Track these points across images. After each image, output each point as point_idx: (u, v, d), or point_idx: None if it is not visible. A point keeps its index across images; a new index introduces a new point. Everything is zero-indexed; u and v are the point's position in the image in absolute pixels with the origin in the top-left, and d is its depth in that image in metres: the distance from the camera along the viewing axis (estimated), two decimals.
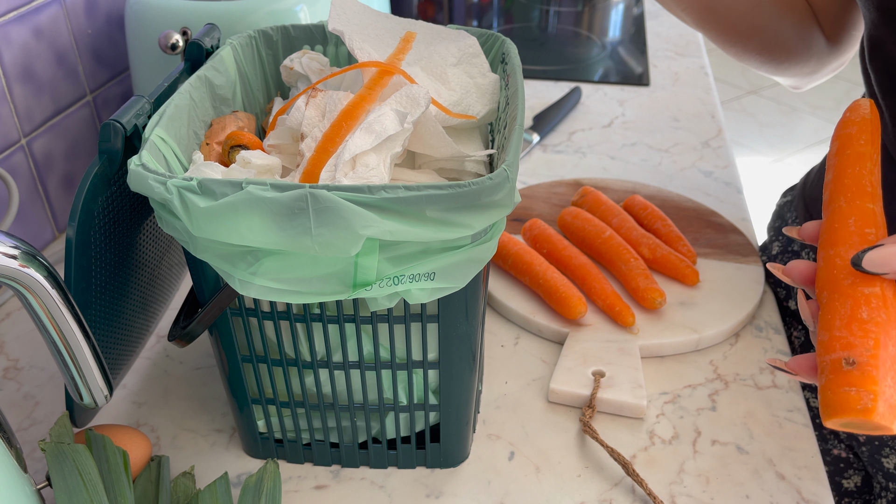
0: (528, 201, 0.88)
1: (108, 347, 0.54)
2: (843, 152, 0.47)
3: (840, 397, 0.39)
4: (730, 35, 0.73)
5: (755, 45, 0.73)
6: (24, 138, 0.79)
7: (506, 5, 1.54)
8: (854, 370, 0.39)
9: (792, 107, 3.35)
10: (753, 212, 2.42)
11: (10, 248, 0.39)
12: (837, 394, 0.39)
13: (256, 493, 0.55)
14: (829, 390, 0.40)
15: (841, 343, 0.40)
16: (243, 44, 0.62)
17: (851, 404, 0.39)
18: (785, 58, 0.74)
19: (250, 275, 0.45)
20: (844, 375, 0.40)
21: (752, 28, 0.71)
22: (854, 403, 0.39)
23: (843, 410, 0.39)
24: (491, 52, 0.63)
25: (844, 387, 0.39)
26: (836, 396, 0.39)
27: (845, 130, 0.48)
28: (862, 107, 0.49)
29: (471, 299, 0.51)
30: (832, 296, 0.42)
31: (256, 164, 0.52)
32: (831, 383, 0.40)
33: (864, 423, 0.39)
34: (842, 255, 0.43)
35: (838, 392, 0.39)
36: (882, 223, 0.44)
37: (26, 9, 0.77)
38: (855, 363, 0.39)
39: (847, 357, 0.40)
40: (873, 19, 0.63)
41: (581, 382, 0.66)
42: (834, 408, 0.39)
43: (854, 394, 0.39)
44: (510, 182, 0.44)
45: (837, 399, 0.39)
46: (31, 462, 0.61)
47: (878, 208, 0.45)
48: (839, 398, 0.39)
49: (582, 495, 0.58)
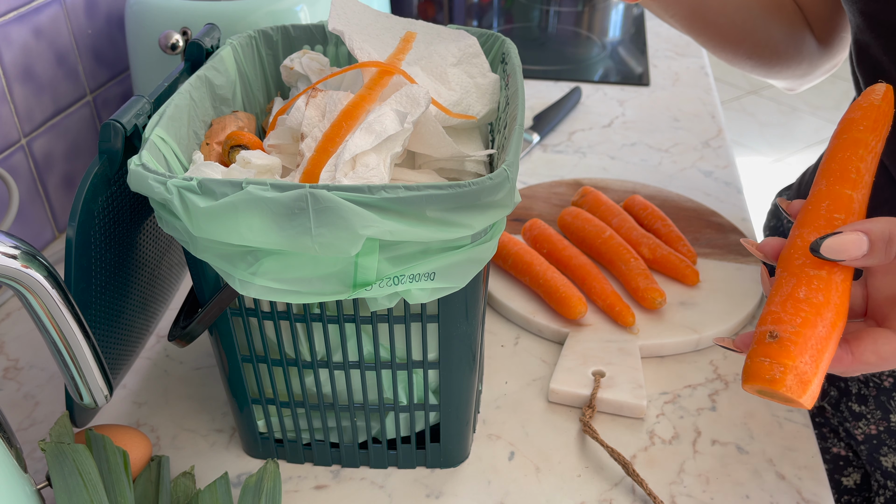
0: (528, 201, 0.88)
1: (108, 347, 0.54)
2: (841, 136, 0.48)
3: (755, 365, 0.42)
4: (719, 40, 0.73)
5: (745, 49, 0.73)
6: (24, 138, 0.79)
7: (506, 5, 1.54)
8: (774, 343, 0.42)
9: (792, 107, 3.36)
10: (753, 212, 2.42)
11: (10, 248, 0.39)
12: (754, 362, 0.42)
13: (256, 493, 0.55)
14: (750, 358, 0.43)
15: (772, 317, 0.43)
16: (243, 44, 0.62)
17: (762, 373, 0.42)
18: (776, 61, 0.74)
19: (250, 275, 0.45)
20: (765, 346, 0.42)
21: (742, 32, 0.72)
22: (764, 373, 0.42)
23: (753, 378, 0.42)
24: (491, 52, 0.63)
25: (762, 357, 0.42)
26: (753, 364, 0.42)
27: (851, 115, 0.49)
28: (874, 92, 0.49)
29: (471, 299, 0.51)
30: (782, 273, 0.45)
31: (256, 164, 0.52)
32: (753, 352, 0.43)
33: (774, 393, 0.42)
34: (804, 237, 0.45)
35: (755, 360, 0.42)
36: (858, 210, 0.45)
37: (26, 9, 0.77)
38: (777, 336, 0.42)
39: (772, 331, 0.42)
40: (858, 24, 0.63)
41: (581, 382, 0.66)
42: (748, 374, 0.43)
43: (767, 364, 0.42)
44: (510, 182, 0.44)
45: (753, 367, 0.42)
46: (31, 462, 0.61)
47: (857, 195, 0.46)
48: (754, 366, 0.42)
49: (582, 495, 0.58)
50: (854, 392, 0.72)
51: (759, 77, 0.78)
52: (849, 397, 0.73)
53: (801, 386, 0.41)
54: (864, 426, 0.73)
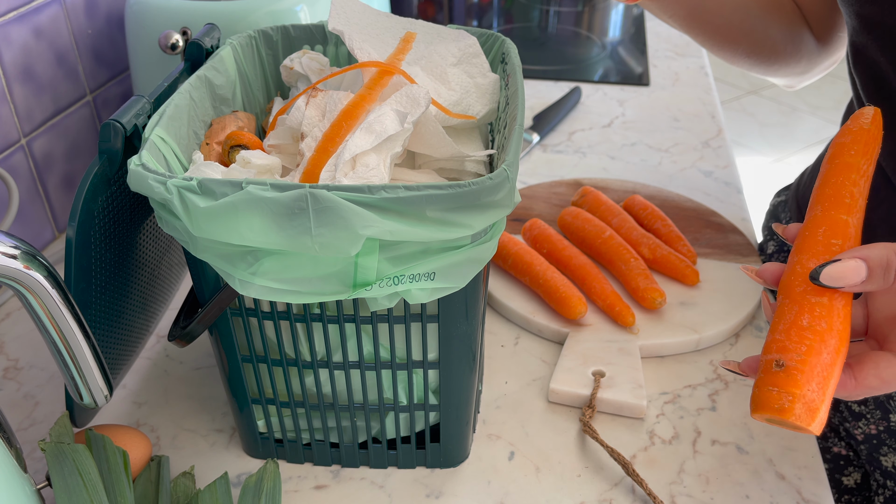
0: (528, 201, 0.88)
1: (108, 347, 0.54)
2: (833, 161, 0.49)
3: (764, 395, 0.43)
4: (718, 39, 0.73)
5: (744, 48, 0.73)
6: (24, 138, 0.79)
7: (506, 5, 1.54)
8: (781, 372, 0.43)
9: (792, 107, 3.36)
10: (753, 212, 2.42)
11: (10, 248, 0.39)
12: (763, 391, 0.43)
13: (256, 493, 0.55)
14: (758, 387, 0.43)
15: (777, 346, 0.44)
16: (243, 44, 0.62)
17: (771, 403, 0.42)
18: (775, 59, 0.74)
19: (250, 275, 0.45)
20: (772, 376, 0.43)
21: (740, 31, 0.72)
22: (773, 402, 0.42)
23: (763, 407, 0.43)
24: (491, 52, 0.63)
25: (770, 386, 0.43)
26: (762, 393, 0.43)
27: (841, 139, 0.50)
28: (863, 116, 0.50)
29: (471, 299, 0.51)
30: (784, 301, 0.45)
31: (256, 164, 0.52)
32: (761, 381, 0.43)
33: (783, 422, 0.43)
34: (803, 263, 0.45)
35: (764, 390, 0.43)
36: (854, 235, 0.46)
37: (26, 9, 0.77)
38: (783, 366, 0.43)
39: (778, 359, 0.43)
40: (854, 26, 0.63)
41: (581, 382, 0.66)
42: (757, 403, 0.43)
43: (775, 394, 0.42)
44: (510, 182, 0.44)
45: (762, 396, 0.43)
46: (31, 462, 0.61)
47: (853, 220, 0.46)
48: (763, 396, 0.43)
49: (582, 495, 0.58)
50: None
51: (758, 75, 0.79)
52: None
53: (809, 414, 0.42)
54: (863, 426, 0.73)
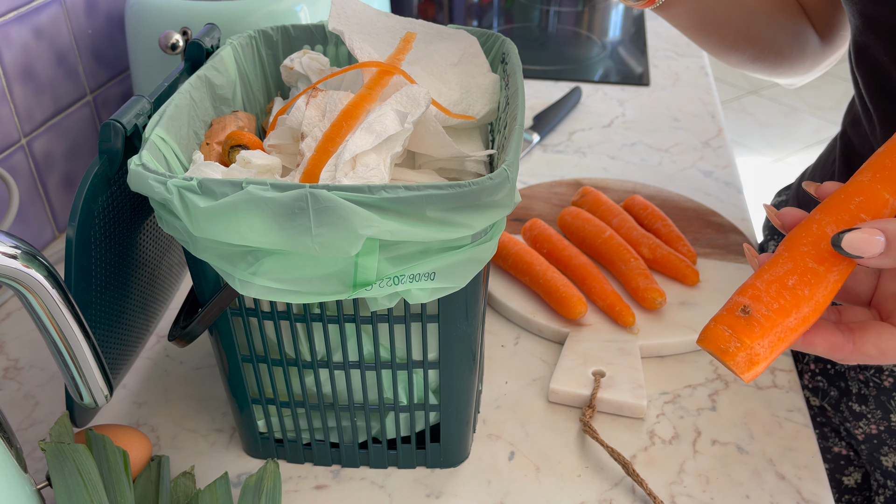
0: (528, 201, 0.88)
1: (108, 347, 0.54)
2: None
3: (716, 331, 0.42)
4: (725, 46, 0.73)
5: (750, 53, 0.73)
6: (24, 138, 0.79)
7: (506, 5, 1.54)
8: (743, 318, 0.42)
9: (792, 107, 3.36)
10: (753, 212, 2.42)
11: (10, 248, 0.39)
12: (716, 327, 0.42)
13: (256, 493, 0.55)
14: (714, 321, 0.43)
15: (753, 292, 0.43)
16: (243, 44, 0.62)
17: (718, 342, 0.42)
18: (780, 62, 0.74)
19: (250, 275, 0.45)
20: (733, 317, 0.42)
21: (748, 38, 0.72)
22: (720, 342, 0.42)
23: (709, 342, 0.42)
24: (491, 52, 0.63)
25: (725, 325, 0.42)
26: (715, 329, 0.42)
27: None
28: None
29: (471, 299, 0.51)
30: (783, 253, 0.44)
31: (256, 164, 0.52)
32: (720, 317, 0.43)
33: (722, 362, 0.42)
34: (821, 224, 0.43)
35: (717, 326, 0.42)
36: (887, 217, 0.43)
37: (26, 9, 0.77)
38: (749, 313, 0.42)
39: (746, 306, 0.42)
40: (857, 25, 0.63)
41: (581, 382, 0.66)
42: (706, 335, 0.43)
43: (727, 335, 0.42)
44: (510, 182, 0.44)
45: (713, 331, 0.42)
46: (31, 462, 0.61)
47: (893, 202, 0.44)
48: (714, 331, 0.42)
49: (582, 495, 0.58)
50: (854, 392, 0.72)
51: (761, 77, 0.79)
52: (849, 397, 0.73)
53: (747, 365, 0.41)
54: (864, 426, 0.73)
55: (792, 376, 0.69)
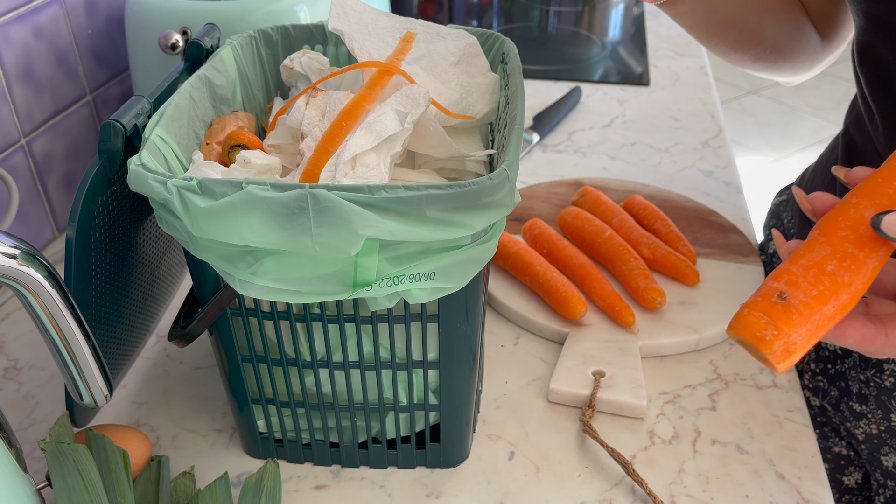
0: (528, 201, 0.88)
1: (108, 347, 0.54)
2: None
3: (751, 318, 0.40)
4: (728, 45, 0.73)
5: (753, 53, 0.73)
6: (24, 138, 0.79)
7: (506, 5, 1.54)
8: (780, 304, 0.40)
9: (792, 107, 3.36)
10: (753, 212, 2.42)
11: (10, 248, 0.39)
12: (751, 314, 0.40)
13: (256, 493, 0.55)
14: (747, 307, 0.41)
15: (789, 277, 0.41)
16: (243, 44, 0.62)
17: (754, 328, 0.40)
18: (782, 60, 0.74)
19: (250, 275, 0.45)
20: (769, 303, 0.40)
21: (751, 37, 0.72)
22: (757, 329, 0.40)
23: (743, 329, 0.40)
24: (491, 52, 0.63)
25: (761, 312, 0.40)
26: (749, 316, 0.40)
27: None
28: None
29: (471, 299, 0.51)
30: (819, 237, 0.42)
31: (256, 164, 0.52)
32: (753, 304, 0.41)
33: (754, 349, 0.40)
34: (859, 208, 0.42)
35: (752, 313, 0.40)
36: None
37: (26, 9, 0.77)
38: (786, 300, 0.40)
39: (783, 292, 0.40)
40: (861, 24, 0.63)
41: (581, 382, 0.66)
42: (739, 323, 0.40)
43: (763, 322, 0.40)
44: (510, 182, 0.44)
45: (748, 318, 0.40)
46: (31, 462, 0.61)
47: None
48: (750, 318, 0.40)
49: (582, 495, 0.58)
50: (855, 392, 0.72)
51: (761, 74, 0.79)
52: (850, 397, 0.73)
53: (784, 355, 0.40)
54: (864, 426, 0.73)
55: (792, 376, 0.69)
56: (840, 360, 0.73)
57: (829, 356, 0.74)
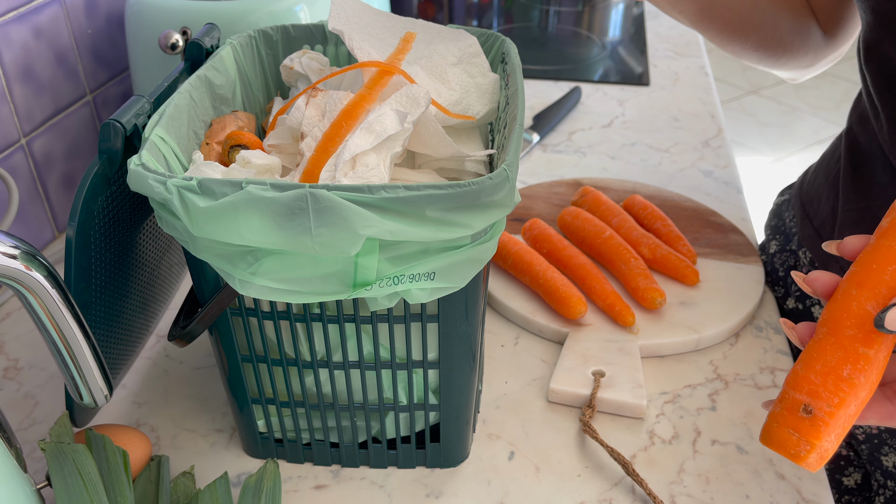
0: (528, 201, 0.88)
1: (108, 347, 0.54)
2: None
3: (782, 434, 0.42)
4: (727, 34, 0.73)
5: (752, 42, 0.73)
6: (24, 138, 0.79)
7: (506, 5, 1.54)
8: (807, 419, 0.42)
9: (792, 107, 3.35)
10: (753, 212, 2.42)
11: (10, 248, 0.39)
12: (781, 430, 0.42)
13: (256, 492, 0.55)
14: (776, 423, 0.42)
15: (810, 388, 0.42)
16: (243, 44, 0.62)
17: (787, 446, 0.42)
18: (782, 53, 0.74)
19: (250, 275, 0.45)
20: (796, 418, 0.42)
21: (750, 26, 0.72)
22: (790, 447, 0.42)
23: (778, 446, 0.42)
24: (491, 51, 0.63)
25: (790, 428, 0.42)
26: (780, 432, 0.42)
27: None
28: None
29: (471, 299, 0.51)
30: (828, 337, 0.43)
31: (256, 164, 0.52)
32: (781, 418, 0.42)
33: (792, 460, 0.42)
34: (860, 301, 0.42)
35: (783, 429, 0.42)
36: None
37: (26, 9, 0.77)
38: (811, 413, 0.42)
39: (808, 405, 0.42)
40: (869, 21, 0.63)
41: (581, 382, 0.66)
42: (772, 439, 0.42)
43: (795, 439, 0.42)
44: (510, 182, 0.44)
45: (779, 434, 0.42)
46: (31, 462, 0.61)
47: None
48: (781, 435, 0.42)
49: (582, 495, 0.58)
50: None
51: (764, 68, 0.78)
52: None
53: (819, 462, 0.42)
54: (864, 426, 0.73)
55: None
56: None
57: None
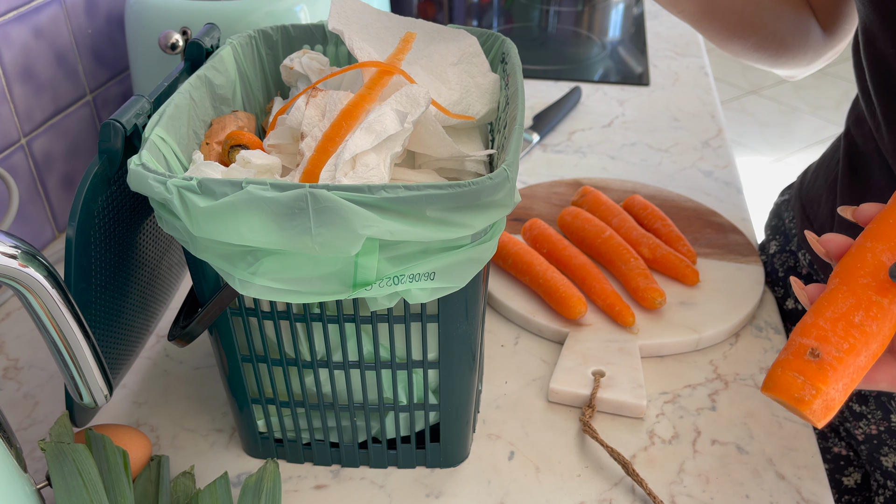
0: (528, 201, 0.88)
1: (108, 347, 0.54)
2: None
3: (786, 379, 0.40)
4: (728, 33, 0.73)
5: (753, 42, 0.73)
6: (24, 138, 0.79)
7: (506, 5, 1.54)
8: (814, 363, 0.40)
9: (792, 107, 3.35)
10: (753, 212, 2.42)
11: (10, 247, 0.39)
12: (786, 374, 0.40)
13: (256, 492, 0.55)
14: (781, 367, 0.40)
15: (819, 333, 0.40)
16: (243, 43, 0.62)
17: (792, 390, 0.39)
18: (783, 52, 0.74)
19: (250, 275, 0.45)
20: (803, 362, 0.40)
21: (751, 26, 0.72)
22: (794, 390, 0.39)
23: (780, 390, 0.40)
24: (491, 51, 0.63)
25: (796, 372, 0.40)
26: (783, 376, 0.40)
27: None
28: None
29: (471, 299, 0.51)
30: (841, 286, 0.41)
31: (256, 164, 0.52)
32: (786, 363, 0.40)
33: (793, 409, 0.40)
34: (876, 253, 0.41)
35: (787, 373, 0.40)
36: None
37: (26, 9, 0.77)
38: (819, 357, 0.40)
39: (815, 349, 0.40)
40: (867, 15, 0.63)
41: (581, 382, 0.66)
42: (775, 384, 0.40)
43: (800, 382, 0.39)
44: (510, 182, 0.44)
45: (783, 379, 0.40)
46: (31, 462, 0.61)
47: None
48: (785, 379, 0.40)
49: (582, 495, 0.58)
50: (855, 392, 0.72)
51: (763, 67, 0.78)
52: (850, 397, 0.73)
53: (825, 412, 0.40)
54: (864, 426, 0.73)
55: None
56: None
57: None
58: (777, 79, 3.55)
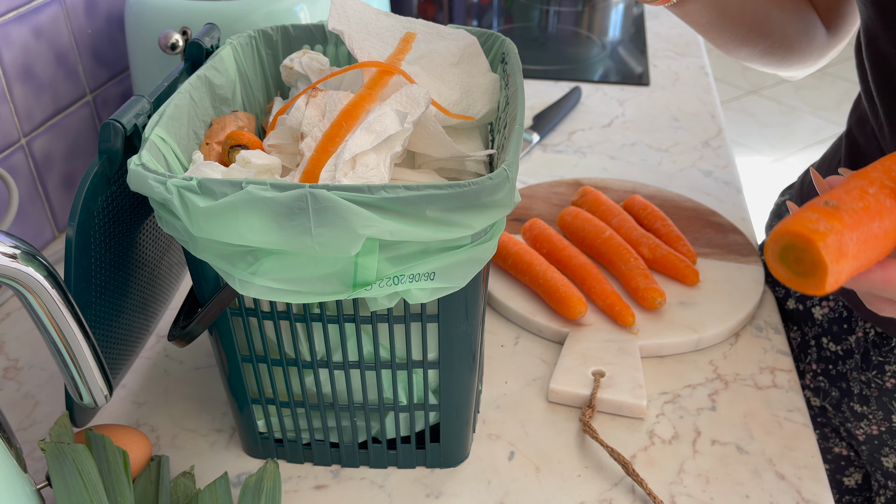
0: (528, 201, 0.88)
1: (108, 347, 0.54)
2: None
3: (800, 217, 0.37)
4: (737, 42, 0.73)
5: (762, 48, 0.73)
6: (24, 138, 0.79)
7: (506, 5, 1.54)
8: (829, 208, 0.37)
9: (792, 107, 3.35)
10: (753, 212, 2.42)
11: (10, 247, 0.39)
12: (801, 216, 0.37)
13: (256, 492, 0.55)
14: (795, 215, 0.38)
15: (833, 194, 0.38)
16: (243, 44, 0.62)
17: (805, 223, 0.36)
18: (790, 55, 0.74)
19: (250, 275, 0.45)
20: (818, 208, 0.37)
21: (760, 33, 0.72)
22: (809, 223, 0.36)
23: (794, 225, 0.37)
24: (491, 51, 0.63)
25: (811, 212, 0.37)
26: (797, 218, 0.37)
27: None
28: None
29: (471, 299, 0.51)
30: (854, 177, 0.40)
31: (256, 164, 0.52)
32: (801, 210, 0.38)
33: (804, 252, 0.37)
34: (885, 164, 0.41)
35: (802, 214, 0.37)
36: None
37: (26, 9, 0.77)
38: (835, 206, 0.37)
39: (830, 200, 0.38)
40: (869, 15, 0.63)
41: (581, 382, 0.66)
42: (786, 227, 0.37)
43: (814, 218, 0.37)
44: (510, 182, 0.44)
45: (796, 219, 0.37)
46: (31, 462, 0.61)
47: None
48: (797, 218, 0.37)
49: (582, 495, 0.58)
50: (856, 392, 0.72)
51: (768, 70, 0.78)
52: (850, 398, 0.73)
53: (836, 255, 0.36)
54: (865, 426, 0.73)
55: (792, 376, 0.69)
56: (842, 361, 0.73)
57: (831, 357, 0.74)
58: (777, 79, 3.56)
